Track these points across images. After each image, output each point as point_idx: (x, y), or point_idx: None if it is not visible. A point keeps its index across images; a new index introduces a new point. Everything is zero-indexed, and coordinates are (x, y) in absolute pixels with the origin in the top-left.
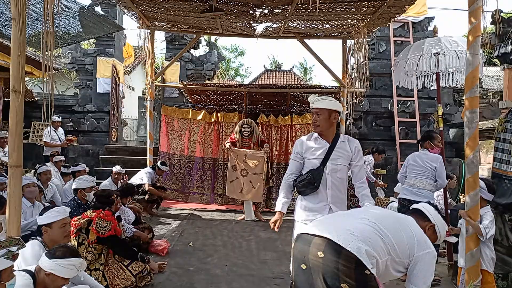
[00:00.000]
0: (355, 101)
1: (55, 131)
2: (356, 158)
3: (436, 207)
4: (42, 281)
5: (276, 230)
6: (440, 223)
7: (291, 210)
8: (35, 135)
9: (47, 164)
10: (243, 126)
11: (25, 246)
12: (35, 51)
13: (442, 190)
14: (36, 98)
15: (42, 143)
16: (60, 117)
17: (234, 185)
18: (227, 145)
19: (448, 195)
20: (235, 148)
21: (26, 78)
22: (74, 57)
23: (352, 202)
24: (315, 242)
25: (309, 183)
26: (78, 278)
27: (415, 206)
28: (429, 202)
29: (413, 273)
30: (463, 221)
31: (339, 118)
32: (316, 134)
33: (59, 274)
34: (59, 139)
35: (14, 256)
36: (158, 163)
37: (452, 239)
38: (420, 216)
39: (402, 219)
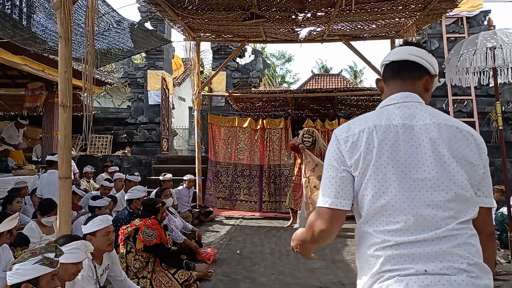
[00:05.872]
0: None
1: None
2: None
3: None
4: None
5: None
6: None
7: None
8: (92, 147)
9: (102, 174)
10: (304, 135)
11: (63, 253)
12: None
13: None
14: (93, 112)
15: (99, 154)
16: None
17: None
18: (301, 146)
19: None
20: (310, 153)
21: (85, 94)
22: (126, 71)
23: None
24: None
25: None
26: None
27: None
28: None
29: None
30: None
31: None
32: None
33: (66, 260)
34: None
35: (51, 263)
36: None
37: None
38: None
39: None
